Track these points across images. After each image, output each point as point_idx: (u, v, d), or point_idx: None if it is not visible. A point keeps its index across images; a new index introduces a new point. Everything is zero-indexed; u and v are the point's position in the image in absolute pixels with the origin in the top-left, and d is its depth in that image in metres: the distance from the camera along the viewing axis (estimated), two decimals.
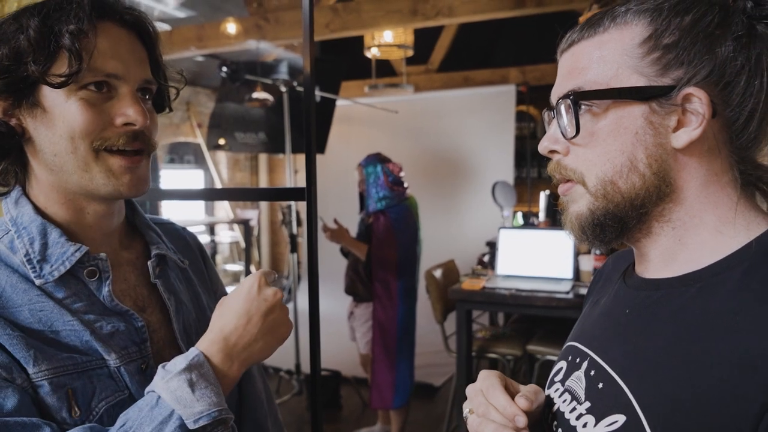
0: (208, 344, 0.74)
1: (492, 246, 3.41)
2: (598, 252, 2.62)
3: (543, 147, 0.68)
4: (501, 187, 4.23)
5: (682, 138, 0.60)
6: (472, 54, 5.86)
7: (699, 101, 0.59)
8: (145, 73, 0.78)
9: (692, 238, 0.62)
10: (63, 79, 0.69)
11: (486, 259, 3.38)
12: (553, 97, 0.68)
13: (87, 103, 0.72)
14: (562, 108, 0.65)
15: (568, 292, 2.55)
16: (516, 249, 2.87)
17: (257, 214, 7.09)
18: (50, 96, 0.72)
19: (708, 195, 0.62)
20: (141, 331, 0.78)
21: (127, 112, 0.74)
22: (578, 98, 0.62)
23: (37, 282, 0.72)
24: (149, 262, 0.84)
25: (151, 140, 0.78)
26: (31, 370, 0.68)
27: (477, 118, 5.24)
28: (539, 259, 2.80)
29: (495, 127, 5.15)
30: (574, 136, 0.63)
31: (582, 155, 0.64)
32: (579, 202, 0.66)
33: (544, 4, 3.63)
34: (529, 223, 4.23)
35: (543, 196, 4.30)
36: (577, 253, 2.74)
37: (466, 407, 0.73)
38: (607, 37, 0.63)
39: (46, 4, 0.73)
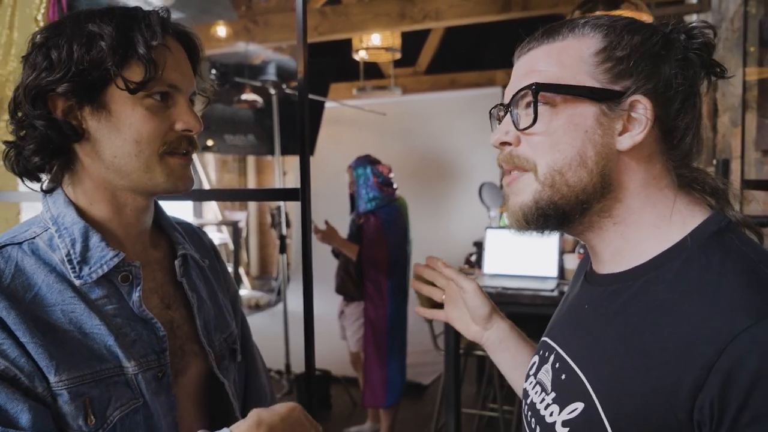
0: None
1: (479, 246, 3.45)
2: (582, 250, 2.68)
3: (495, 139, 0.73)
4: (488, 188, 4.28)
5: (626, 141, 0.66)
6: (458, 57, 5.91)
7: (644, 108, 0.65)
8: (194, 86, 0.85)
9: (633, 234, 0.68)
10: (136, 85, 0.75)
11: (473, 258, 3.43)
12: (508, 95, 0.72)
13: (152, 111, 0.78)
14: (520, 101, 0.70)
15: (553, 290, 2.61)
16: (502, 248, 2.92)
17: (246, 215, 7.09)
18: (118, 101, 0.77)
19: (647, 195, 0.68)
20: (162, 340, 0.81)
21: (188, 119, 0.80)
22: (539, 89, 0.67)
23: (77, 282, 0.76)
24: (176, 261, 0.88)
25: (197, 143, 0.85)
26: (52, 379, 0.71)
27: (464, 120, 5.28)
28: (525, 258, 2.85)
29: (482, 128, 5.14)
30: (530, 126, 0.68)
31: (534, 143, 0.69)
32: (524, 192, 0.70)
33: (530, 8, 3.69)
34: None
35: None
36: (561, 252, 2.80)
37: None
38: (565, 44, 0.68)
39: (114, 12, 0.77)
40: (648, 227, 0.67)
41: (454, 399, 2.77)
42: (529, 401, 0.77)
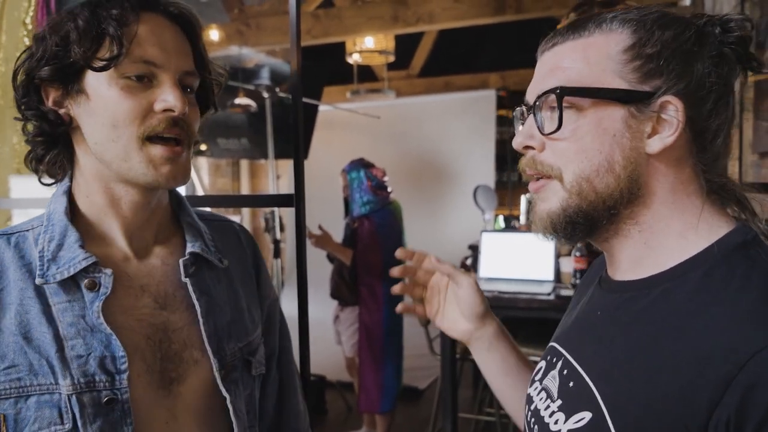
0: None
1: (474, 249, 3.44)
2: (578, 254, 2.67)
3: (518, 143, 0.70)
4: (482, 190, 4.27)
5: (656, 144, 0.62)
6: (452, 59, 5.91)
7: (675, 109, 0.61)
8: (187, 65, 0.79)
9: (658, 242, 0.65)
10: (104, 63, 0.71)
11: (469, 262, 3.41)
12: (531, 94, 0.69)
13: (127, 91, 0.73)
14: (542, 104, 0.66)
15: (549, 294, 2.59)
16: (498, 252, 2.90)
17: (239, 220, 7.06)
18: (93, 83, 0.74)
19: (675, 201, 0.64)
20: (119, 361, 0.73)
21: (167, 98, 0.74)
22: (564, 93, 0.63)
23: (37, 281, 0.72)
24: (181, 260, 0.82)
25: (191, 130, 0.78)
26: None
27: (458, 123, 5.28)
28: (521, 261, 2.84)
29: (476, 131, 5.19)
30: (555, 131, 0.65)
31: (560, 150, 0.66)
32: (551, 200, 0.67)
33: (524, 10, 3.69)
34: (510, 226, 4.27)
35: (524, 200, 4.34)
36: (557, 255, 2.79)
37: None
38: (592, 41, 0.65)
39: None
40: (674, 236, 0.64)
41: (451, 404, 2.75)
42: (533, 407, 0.74)
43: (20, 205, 1.65)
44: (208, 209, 1.11)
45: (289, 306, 1.09)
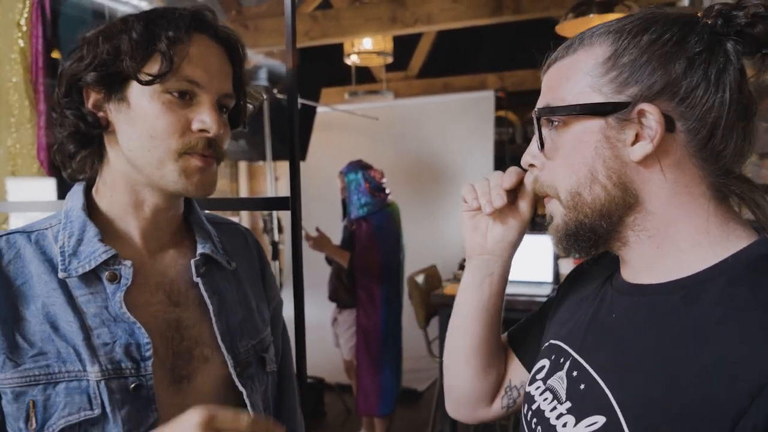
0: None
1: None
2: (577, 256, 2.66)
3: (524, 161, 0.74)
4: None
5: (637, 152, 0.62)
6: (450, 60, 5.90)
7: (652, 116, 0.61)
8: (227, 87, 0.82)
9: (671, 247, 0.64)
10: (151, 77, 0.74)
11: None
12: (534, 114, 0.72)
13: (168, 107, 0.76)
14: (536, 124, 0.69)
15: (548, 296, 2.58)
16: None
17: (237, 221, 7.05)
18: (137, 94, 0.77)
19: (679, 206, 0.63)
20: (144, 347, 0.76)
21: (205, 119, 0.77)
22: (541, 114, 0.68)
23: (60, 275, 0.75)
24: (192, 261, 0.85)
25: (221, 149, 0.81)
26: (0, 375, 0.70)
27: (457, 124, 5.27)
28: (520, 263, 2.83)
29: (474, 132, 5.18)
30: (541, 150, 0.69)
31: (553, 170, 0.69)
32: (556, 216, 0.70)
33: (522, 11, 3.68)
34: None
35: None
36: (556, 257, 2.78)
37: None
38: (575, 58, 0.66)
39: (153, 11, 0.78)
40: (686, 240, 0.63)
41: None
42: (534, 407, 0.73)
43: (17, 208, 1.64)
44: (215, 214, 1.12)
45: (287, 307, 1.08)
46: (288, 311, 1.13)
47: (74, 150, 0.82)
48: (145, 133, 0.77)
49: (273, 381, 0.94)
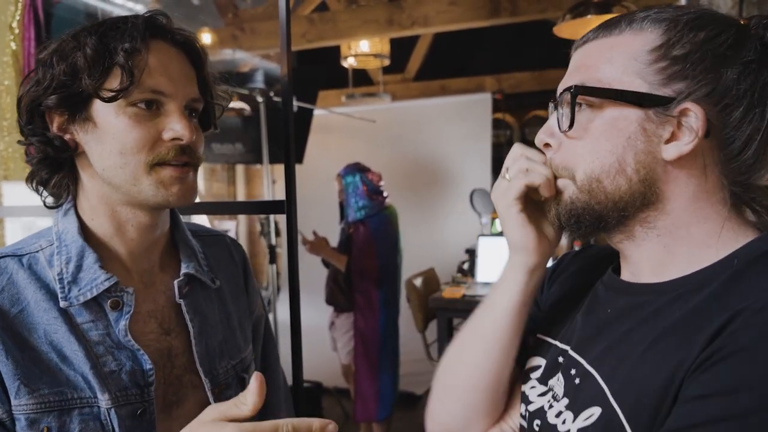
0: None
1: (471, 253, 3.42)
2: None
3: (539, 139, 0.69)
4: (479, 194, 4.25)
5: (672, 151, 0.60)
6: (448, 62, 5.89)
7: (695, 117, 0.59)
8: (193, 92, 0.80)
9: (680, 249, 0.63)
10: (113, 93, 0.71)
11: (465, 266, 3.39)
12: (559, 89, 0.68)
13: (136, 120, 0.74)
14: (564, 101, 0.65)
15: None
16: (495, 256, 2.88)
17: (235, 224, 7.02)
18: (102, 112, 0.74)
19: (697, 210, 0.62)
20: (147, 373, 0.76)
21: (175, 127, 0.75)
22: (578, 92, 0.63)
23: (62, 304, 0.73)
24: (176, 282, 0.83)
25: (197, 154, 0.79)
26: (13, 401, 0.68)
27: (454, 126, 5.26)
28: (502, 262, 2.82)
29: (472, 134, 5.18)
30: (568, 129, 0.64)
31: (573, 149, 0.65)
32: (566, 192, 0.66)
33: (519, 13, 3.68)
34: None
35: None
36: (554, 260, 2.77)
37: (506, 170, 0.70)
38: (621, 40, 0.63)
39: (103, 23, 0.75)
40: (696, 243, 0.62)
41: None
42: (531, 408, 0.71)
43: (12, 213, 1.63)
44: (199, 223, 1.10)
45: (286, 311, 1.07)
46: (284, 315, 1.11)
47: (47, 176, 0.79)
48: (115, 149, 0.74)
49: None
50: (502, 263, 0.76)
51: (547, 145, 0.68)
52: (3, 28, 1.66)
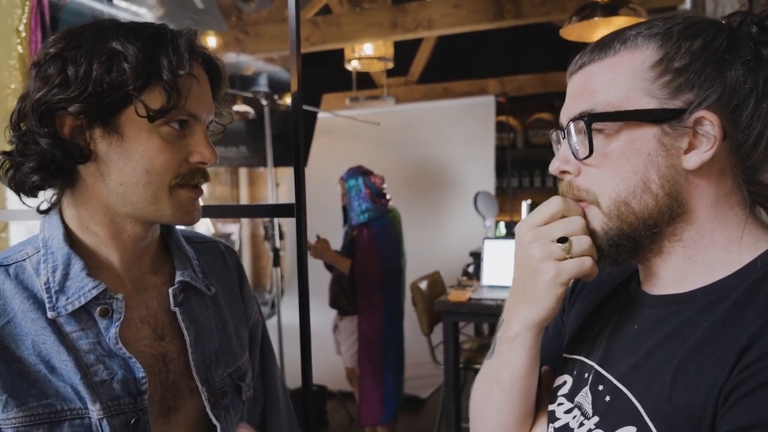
0: None
1: (476, 256, 3.40)
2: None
3: (554, 168, 0.69)
4: (483, 197, 4.24)
5: (693, 160, 0.60)
6: (451, 65, 5.89)
7: (710, 124, 0.60)
8: (212, 113, 0.79)
9: (702, 257, 0.63)
10: (155, 112, 0.69)
11: (471, 269, 3.38)
12: (563, 118, 0.68)
13: (168, 140, 0.72)
14: (573, 129, 0.65)
15: None
16: (501, 259, 2.87)
17: (238, 228, 7.02)
18: (133, 126, 0.71)
19: (718, 214, 0.62)
20: (140, 382, 0.74)
21: (203, 151, 0.75)
22: (592, 120, 0.62)
23: (50, 315, 0.71)
24: (170, 289, 0.81)
25: (208, 174, 0.79)
26: (1, 415, 0.67)
27: (457, 129, 5.26)
28: (508, 269, 2.81)
29: (475, 137, 5.17)
30: (587, 157, 0.64)
31: (594, 176, 0.65)
32: (595, 224, 0.66)
33: (522, 16, 3.67)
34: (511, 233, 4.24)
35: (524, 206, 4.32)
36: None
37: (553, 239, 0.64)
38: (617, 60, 0.63)
39: (141, 29, 0.72)
40: (718, 250, 0.62)
41: (455, 414, 2.71)
42: (558, 425, 0.71)
43: (17, 216, 1.62)
44: (193, 229, 1.08)
45: (289, 315, 1.06)
46: (292, 317, 1.10)
47: (40, 182, 0.73)
48: (141, 167, 0.71)
49: (249, 407, 0.91)
50: (508, 267, 0.75)
51: (564, 172, 0.68)
52: (10, 32, 1.66)
